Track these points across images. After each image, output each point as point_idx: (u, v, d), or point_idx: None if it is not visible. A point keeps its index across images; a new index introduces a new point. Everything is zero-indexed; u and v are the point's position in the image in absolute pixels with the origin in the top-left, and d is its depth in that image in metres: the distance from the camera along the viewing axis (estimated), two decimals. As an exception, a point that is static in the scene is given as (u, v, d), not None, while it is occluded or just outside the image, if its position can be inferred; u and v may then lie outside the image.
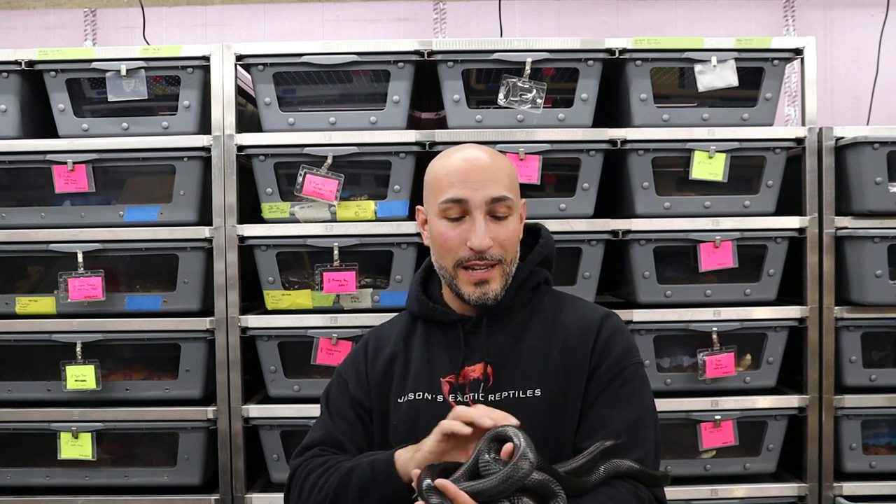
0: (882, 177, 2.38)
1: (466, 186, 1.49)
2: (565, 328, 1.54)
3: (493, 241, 1.49)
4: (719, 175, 2.43)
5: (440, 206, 1.51)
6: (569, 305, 1.60)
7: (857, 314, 2.44)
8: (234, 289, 2.42)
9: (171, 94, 2.48)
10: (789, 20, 3.16)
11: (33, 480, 2.44)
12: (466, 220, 1.50)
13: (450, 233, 1.50)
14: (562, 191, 2.49)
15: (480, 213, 1.49)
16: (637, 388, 1.50)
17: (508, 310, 1.56)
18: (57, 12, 3.20)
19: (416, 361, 1.56)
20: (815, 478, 2.45)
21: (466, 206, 1.49)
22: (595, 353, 1.51)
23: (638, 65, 2.43)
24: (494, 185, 1.50)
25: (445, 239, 1.51)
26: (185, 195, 2.42)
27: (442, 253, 1.53)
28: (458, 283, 1.52)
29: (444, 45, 2.41)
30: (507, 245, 1.51)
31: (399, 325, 1.64)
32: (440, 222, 1.52)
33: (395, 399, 1.55)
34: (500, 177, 1.52)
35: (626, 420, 1.45)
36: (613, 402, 1.47)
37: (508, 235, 1.51)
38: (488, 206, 1.49)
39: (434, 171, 1.56)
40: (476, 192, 1.49)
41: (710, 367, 2.41)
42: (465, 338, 1.54)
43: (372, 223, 2.41)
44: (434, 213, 1.54)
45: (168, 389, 2.43)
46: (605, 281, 2.51)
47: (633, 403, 1.48)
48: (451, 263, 1.51)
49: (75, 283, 2.39)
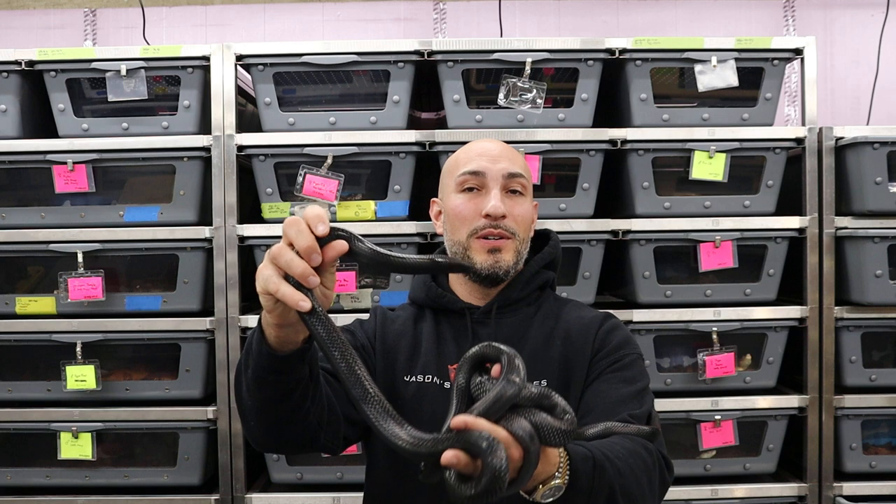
0: (882, 177, 2.38)
1: (484, 160, 1.55)
2: (567, 323, 1.56)
3: (508, 214, 1.52)
4: (719, 175, 2.43)
5: (458, 180, 1.55)
6: (571, 307, 1.63)
7: (857, 314, 2.44)
8: (234, 289, 2.42)
9: (171, 94, 2.48)
10: (789, 20, 3.16)
11: (33, 480, 2.44)
12: (483, 193, 1.54)
13: (466, 204, 1.54)
14: (562, 191, 2.49)
15: (496, 184, 1.53)
16: (637, 374, 1.51)
17: (516, 303, 1.57)
18: (57, 12, 3.20)
19: (425, 344, 1.56)
20: (815, 478, 2.45)
21: (483, 178, 1.54)
22: (596, 342, 1.53)
23: (638, 65, 2.43)
24: (510, 162, 1.56)
25: (461, 210, 1.54)
26: (185, 195, 2.43)
27: (457, 226, 1.55)
28: (471, 253, 1.53)
29: (444, 45, 2.41)
30: (520, 221, 1.54)
31: (404, 314, 1.64)
32: (456, 196, 1.55)
33: (403, 376, 1.54)
34: (515, 158, 1.58)
35: (624, 395, 1.45)
36: (612, 381, 1.48)
37: (522, 213, 1.55)
38: (504, 180, 1.54)
39: (453, 157, 1.63)
40: (493, 165, 1.54)
41: (710, 367, 2.41)
42: (473, 327, 1.55)
43: (372, 223, 2.41)
44: (451, 190, 1.57)
45: (168, 389, 2.43)
46: (605, 281, 2.51)
47: (631, 384, 1.48)
48: (465, 234, 1.53)
49: (75, 283, 2.39)
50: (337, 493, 2.38)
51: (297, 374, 1.21)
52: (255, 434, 1.33)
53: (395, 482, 1.51)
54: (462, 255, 1.54)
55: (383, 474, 1.53)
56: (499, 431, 1.02)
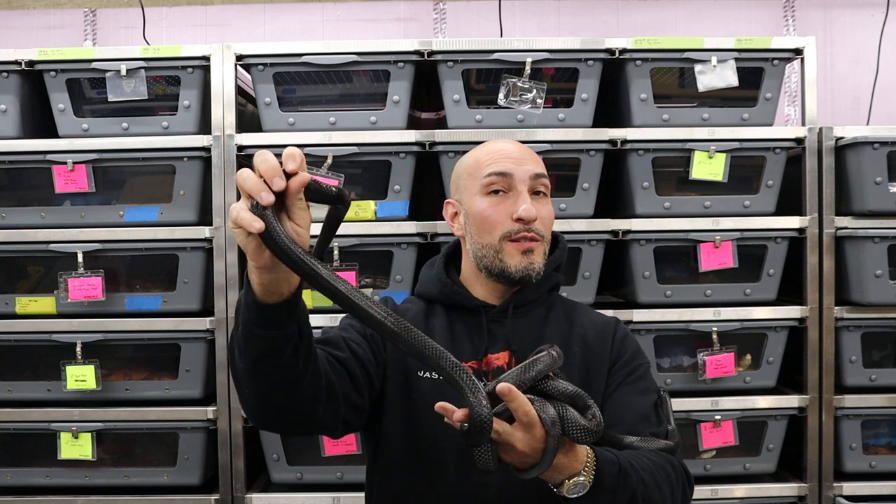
0: (882, 177, 2.38)
1: (510, 161, 1.54)
2: (583, 326, 1.57)
3: (537, 216, 1.52)
4: (719, 175, 2.43)
5: (483, 182, 1.53)
6: (580, 309, 1.64)
7: (857, 314, 2.44)
8: (234, 289, 2.42)
9: (171, 94, 2.48)
10: (789, 20, 3.16)
11: (33, 480, 2.44)
12: (510, 195, 1.53)
13: (494, 207, 1.52)
14: (562, 191, 2.49)
15: (524, 185, 1.52)
16: (651, 385, 1.56)
17: (530, 304, 1.57)
18: (57, 12, 3.20)
19: (438, 340, 1.49)
20: (815, 478, 2.45)
21: (511, 180, 1.52)
22: (614, 349, 1.55)
23: (638, 65, 2.43)
24: (535, 164, 1.56)
25: (489, 214, 1.52)
26: (185, 195, 2.43)
27: (486, 229, 1.52)
28: (503, 256, 1.51)
29: (444, 45, 2.41)
30: (547, 223, 1.55)
31: (414, 307, 1.62)
32: (482, 200, 1.53)
33: (416, 371, 1.51)
34: (537, 159, 1.59)
35: (644, 409, 1.49)
36: (632, 392, 1.51)
37: (548, 215, 1.55)
38: (531, 181, 1.53)
39: (472, 157, 1.60)
40: (520, 166, 1.53)
41: (710, 367, 2.41)
42: (488, 325, 1.54)
43: (372, 223, 2.41)
44: (474, 193, 1.55)
45: (168, 389, 2.43)
46: (605, 281, 2.51)
47: (647, 395, 1.52)
48: (496, 238, 1.51)
49: (75, 283, 2.39)
50: (337, 493, 2.38)
51: (285, 330, 1.18)
52: (249, 402, 1.29)
53: (404, 483, 1.51)
54: (493, 257, 1.52)
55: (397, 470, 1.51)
56: (527, 406, 1.16)
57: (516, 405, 1.16)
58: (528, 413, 1.16)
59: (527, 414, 1.16)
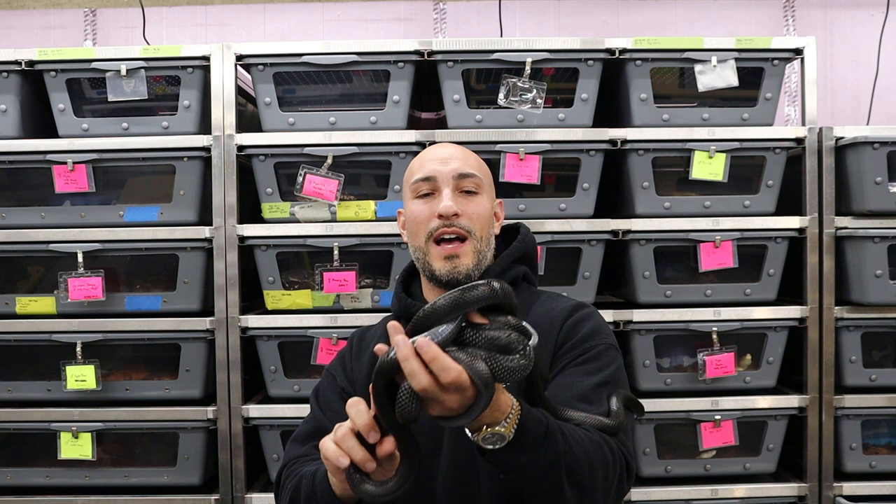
0: (882, 177, 2.38)
1: (436, 163, 1.58)
2: (536, 317, 1.53)
3: (462, 213, 1.53)
4: (719, 175, 2.43)
5: (412, 188, 1.59)
6: (544, 301, 1.60)
7: (857, 314, 2.44)
8: (234, 289, 2.42)
9: (171, 94, 2.48)
10: (789, 20, 3.16)
11: (33, 480, 2.44)
12: (436, 196, 1.56)
13: (420, 208, 1.56)
14: (562, 191, 2.49)
15: (448, 185, 1.56)
16: (603, 364, 1.47)
17: None
18: (57, 12, 3.20)
19: None
20: (815, 478, 2.45)
21: (435, 182, 1.57)
22: (561, 335, 1.50)
23: (638, 65, 2.43)
24: (461, 163, 1.59)
25: (416, 215, 1.57)
26: (185, 195, 2.43)
27: (414, 231, 1.58)
28: (430, 259, 1.54)
29: (444, 45, 2.41)
30: (475, 218, 1.55)
31: (382, 327, 1.64)
32: (412, 203, 1.59)
33: None
34: (467, 158, 1.61)
35: (586, 386, 1.42)
36: (576, 374, 1.45)
37: (477, 209, 1.56)
38: (455, 180, 1.56)
39: (409, 166, 1.65)
40: (443, 167, 1.57)
41: (710, 367, 2.41)
42: None
43: (372, 223, 2.41)
44: (408, 199, 1.60)
45: (168, 389, 2.43)
46: (605, 281, 2.51)
47: (594, 375, 1.44)
48: (422, 239, 1.55)
49: (75, 283, 2.39)
50: (337, 493, 2.38)
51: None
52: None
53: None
54: (423, 260, 1.55)
55: None
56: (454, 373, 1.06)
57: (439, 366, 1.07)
58: (457, 381, 1.07)
59: (455, 381, 1.07)
